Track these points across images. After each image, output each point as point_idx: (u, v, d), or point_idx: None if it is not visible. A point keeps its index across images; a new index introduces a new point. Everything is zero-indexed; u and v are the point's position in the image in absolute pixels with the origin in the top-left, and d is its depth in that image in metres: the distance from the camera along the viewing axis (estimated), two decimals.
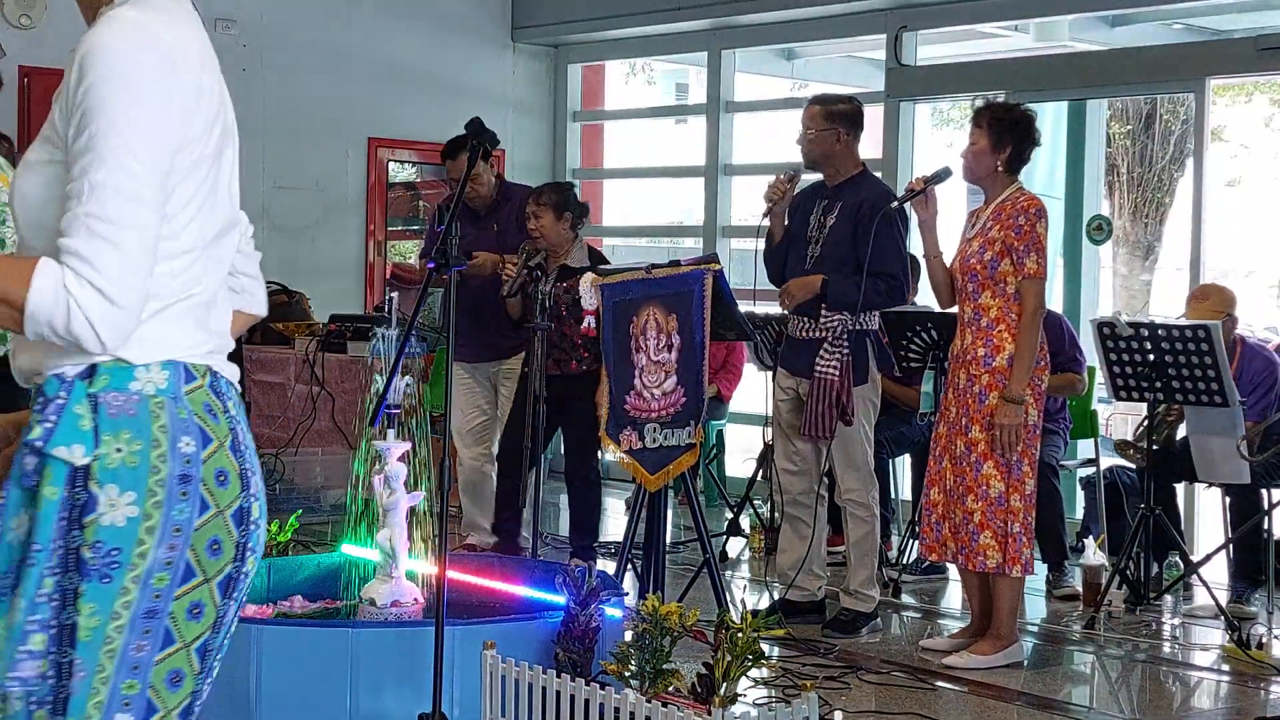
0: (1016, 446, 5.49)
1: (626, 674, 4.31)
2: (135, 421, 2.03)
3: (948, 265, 5.75)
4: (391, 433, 4.78)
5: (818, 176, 6.24)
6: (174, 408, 2.06)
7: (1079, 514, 7.85)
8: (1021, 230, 5.48)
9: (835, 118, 6.04)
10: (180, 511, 2.04)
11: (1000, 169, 5.61)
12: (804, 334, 6.04)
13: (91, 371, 2.03)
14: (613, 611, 4.65)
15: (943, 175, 5.76)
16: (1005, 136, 5.58)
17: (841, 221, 5.98)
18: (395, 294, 9.33)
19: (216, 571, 2.11)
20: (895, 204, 5.86)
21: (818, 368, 5.89)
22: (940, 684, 5.48)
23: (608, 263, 6.75)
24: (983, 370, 5.54)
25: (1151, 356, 6.25)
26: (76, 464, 2.00)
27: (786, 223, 6.18)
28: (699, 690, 4.27)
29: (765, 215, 6.16)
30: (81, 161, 1.97)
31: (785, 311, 6.14)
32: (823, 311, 5.92)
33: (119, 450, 2.01)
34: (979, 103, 6.27)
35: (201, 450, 2.07)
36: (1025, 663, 5.78)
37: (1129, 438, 7.01)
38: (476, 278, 6.94)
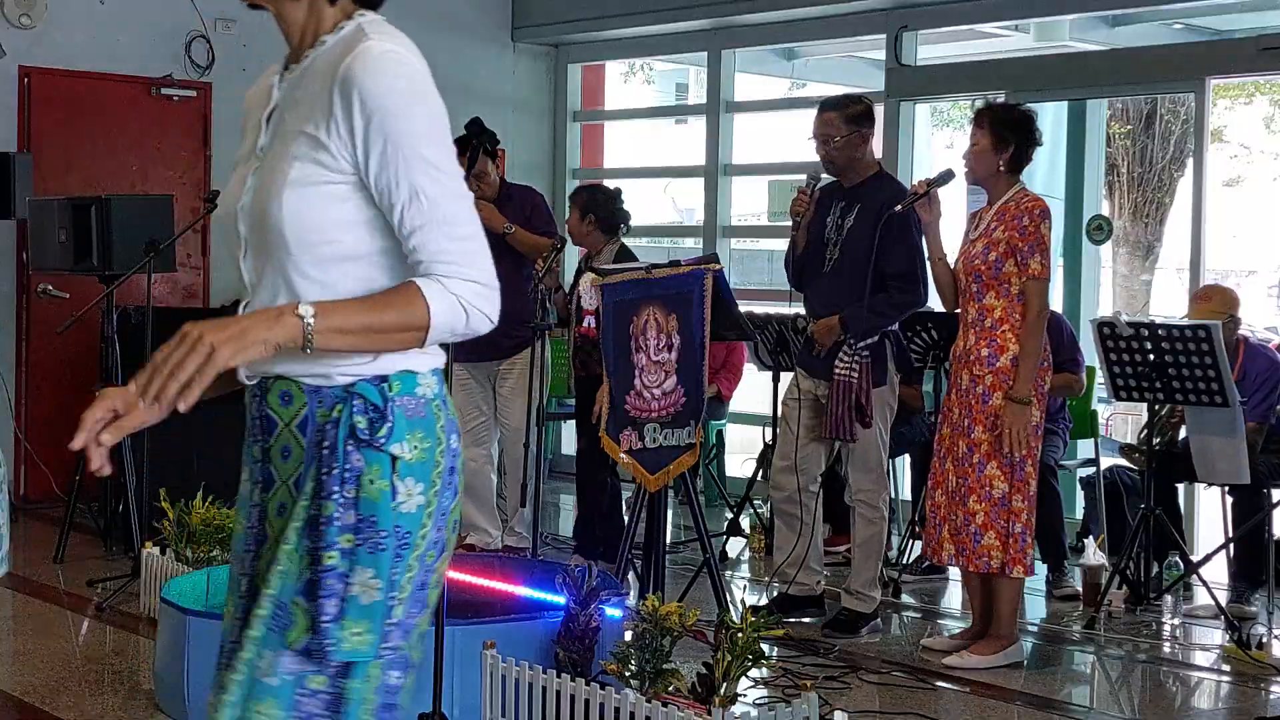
0: (1022, 447, 5.49)
1: (626, 674, 4.31)
2: (425, 422, 2.29)
3: (951, 267, 5.75)
4: None
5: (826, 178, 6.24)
6: (445, 409, 2.34)
7: (1079, 514, 7.85)
8: (1026, 231, 5.48)
9: (855, 120, 6.02)
10: (447, 499, 2.32)
11: (1002, 169, 5.61)
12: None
13: (384, 378, 2.27)
14: (613, 611, 4.66)
15: (946, 178, 5.76)
16: (1007, 136, 5.58)
17: (861, 223, 5.95)
18: None
19: (452, 547, 2.39)
20: (899, 208, 5.86)
21: (838, 370, 5.88)
22: (940, 684, 5.48)
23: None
24: (986, 370, 5.53)
25: (1151, 356, 6.25)
26: (405, 459, 2.26)
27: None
28: (699, 690, 4.27)
29: (795, 229, 6.14)
30: (405, 182, 2.21)
31: (818, 341, 6.05)
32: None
33: (415, 448, 2.27)
34: (980, 103, 6.28)
35: (459, 444, 2.37)
36: (1025, 663, 5.78)
37: (1133, 440, 7.00)
38: None
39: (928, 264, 5.94)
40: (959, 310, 5.75)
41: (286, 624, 2.25)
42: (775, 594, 6.36)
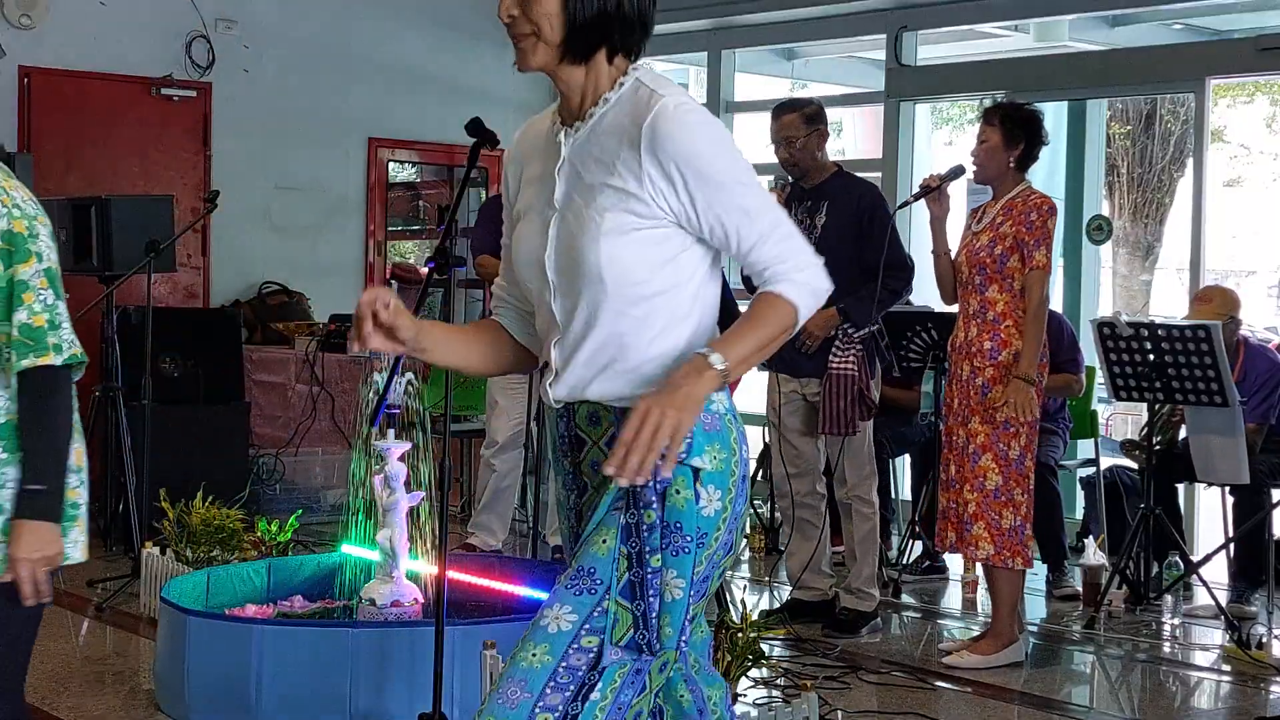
0: (1026, 415, 5.48)
1: None
2: (721, 435, 2.55)
3: (953, 261, 5.77)
4: (391, 432, 4.78)
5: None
6: (736, 423, 2.60)
7: (1079, 514, 7.85)
8: (1033, 226, 5.51)
9: (813, 119, 6.08)
10: (740, 505, 2.59)
11: (1012, 166, 5.63)
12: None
13: None
14: None
15: (956, 173, 5.78)
16: (1018, 134, 5.60)
17: (836, 220, 5.98)
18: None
19: (738, 549, 2.70)
20: (912, 199, 5.88)
21: (834, 364, 5.89)
22: (940, 684, 5.48)
23: None
24: (988, 363, 5.54)
25: (1151, 356, 6.25)
26: (705, 470, 2.51)
27: None
28: None
29: None
30: (729, 215, 2.51)
31: (808, 349, 6.04)
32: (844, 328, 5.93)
33: (714, 458, 2.53)
34: (988, 103, 6.29)
35: (748, 454, 2.63)
36: (1025, 662, 5.78)
37: (1135, 437, 7.00)
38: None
39: (908, 254, 6.03)
40: (959, 302, 5.75)
41: (593, 591, 2.51)
42: (787, 599, 6.35)
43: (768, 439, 7.18)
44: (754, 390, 7.15)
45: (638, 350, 2.55)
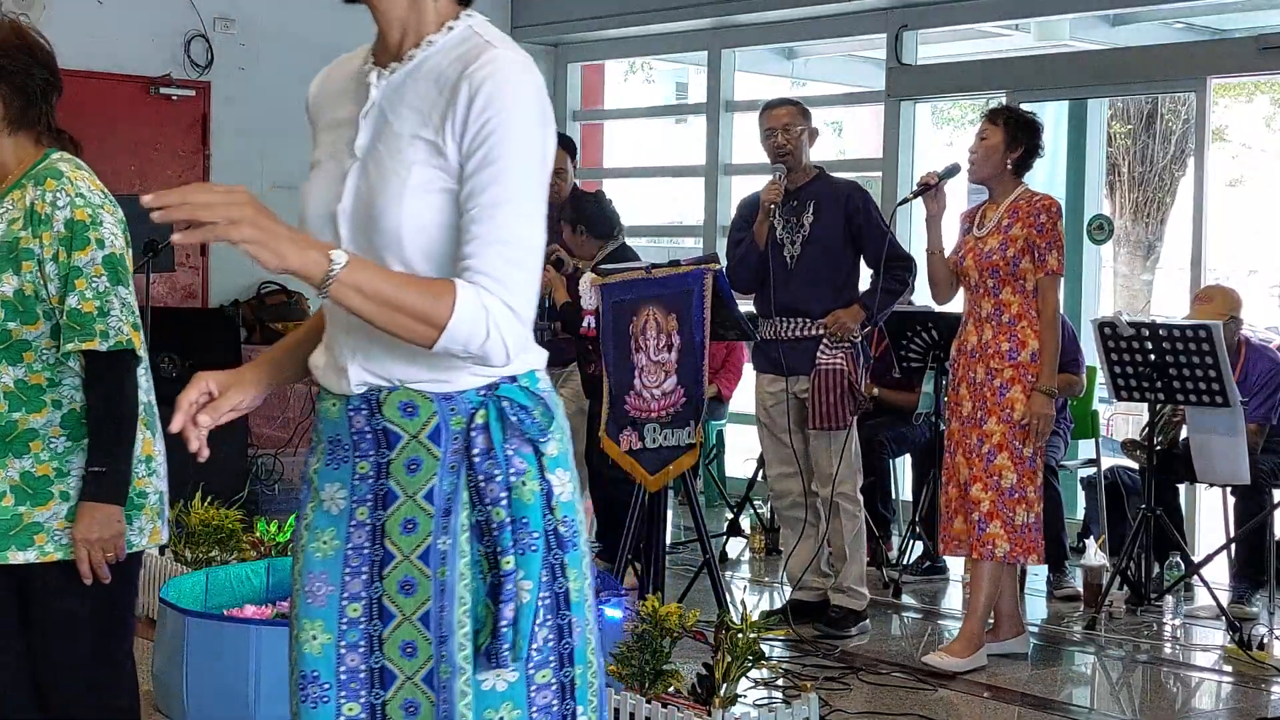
0: (1046, 437, 5.55)
1: (626, 674, 4.31)
2: (554, 415, 2.29)
3: (948, 262, 5.76)
4: None
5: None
6: (561, 404, 2.34)
7: (1080, 514, 7.84)
8: (1044, 228, 5.52)
9: (805, 115, 6.11)
10: (578, 481, 2.36)
11: (1009, 168, 5.62)
12: (797, 334, 6.03)
13: (513, 379, 2.26)
14: (612, 612, 4.64)
15: (953, 171, 5.78)
16: (1020, 137, 5.60)
17: (825, 221, 6.00)
18: None
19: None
20: (910, 197, 5.89)
21: (821, 360, 5.90)
22: (940, 684, 5.46)
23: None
24: (1006, 364, 5.55)
25: (1152, 356, 6.24)
26: (553, 455, 2.27)
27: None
28: (699, 691, 4.26)
29: (766, 218, 6.13)
30: (490, 191, 2.15)
31: (852, 336, 6.02)
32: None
33: (557, 441, 2.28)
34: (991, 104, 6.30)
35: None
36: (1029, 660, 5.77)
37: (1136, 438, 7.00)
38: None
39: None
40: (965, 307, 5.75)
41: (480, 628, 2.25)
42: (787, 600, 6.34)
43: None
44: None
45: None
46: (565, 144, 7.32)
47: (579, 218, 6.84)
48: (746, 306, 6.35)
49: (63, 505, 3.10)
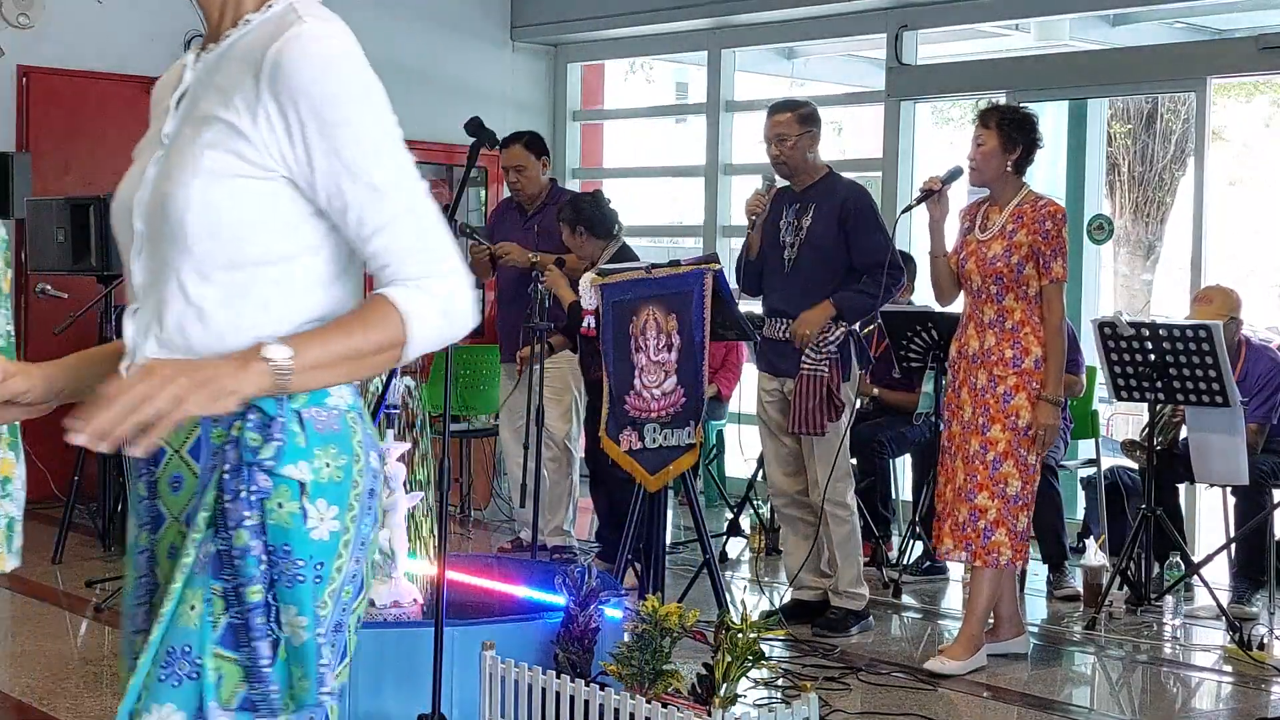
0: (1051, 444, 5.55)
1: (626, 675, 4.30)
2: (339, 437, 2.04)
3: (951, 264, 5.76)
4: (391, 432, 4.77)
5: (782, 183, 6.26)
6: (362, 422, 2.09)
7: (1080, 514, 7.84)
8: (1049, 235, 5.52)
9: (806, 120, 6.10)
10: (366, 525, 2.07)
11: (1009, 170, 5.61)
12: (788, 335, 6.03)
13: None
14: (612, 612, 4.64)
15: (955, 175, 5.77)
16: (1015, 137, 5.59)
17: (820, 223, 6.01)
18: None
19: (370, 587, 2.14)
20: (914, 203, 5.88)
21: (805, 365, 5.90)
22: (940, 684, 5.46)
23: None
24: (1010, 371, 5.54)
25: (1152, 356, 6.24)
26: (306, 480, 1.99)
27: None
28: (699, 691, 4.26)
29: (750, 229, 6.16)
30: (361, 177, 2.00)
31: (802, 344, 6.03)
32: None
33: (327, 465, 2.01)
34: (985, 104, 6.29)
35: (380, 464, 2.11)
36: (1028, 661, 5.77)
37: (1135, 438, 7.00)
38: (507, 272, 7.24)
39: (896, 253, 6.05)
40: (965, 309, 5.75)
41: (195, 676, 1.96)
42: (789, 600, 6.34)
43: None
44: (755, 390, 7.14)
45: (224, 330, 2.01)
46: (530, 142, 7.33)
47: (578, 218, 6.85)
48: (746, 306, 6.35)
49: None
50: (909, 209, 6.23)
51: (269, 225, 2.02)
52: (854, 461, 6.76)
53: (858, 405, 6.71)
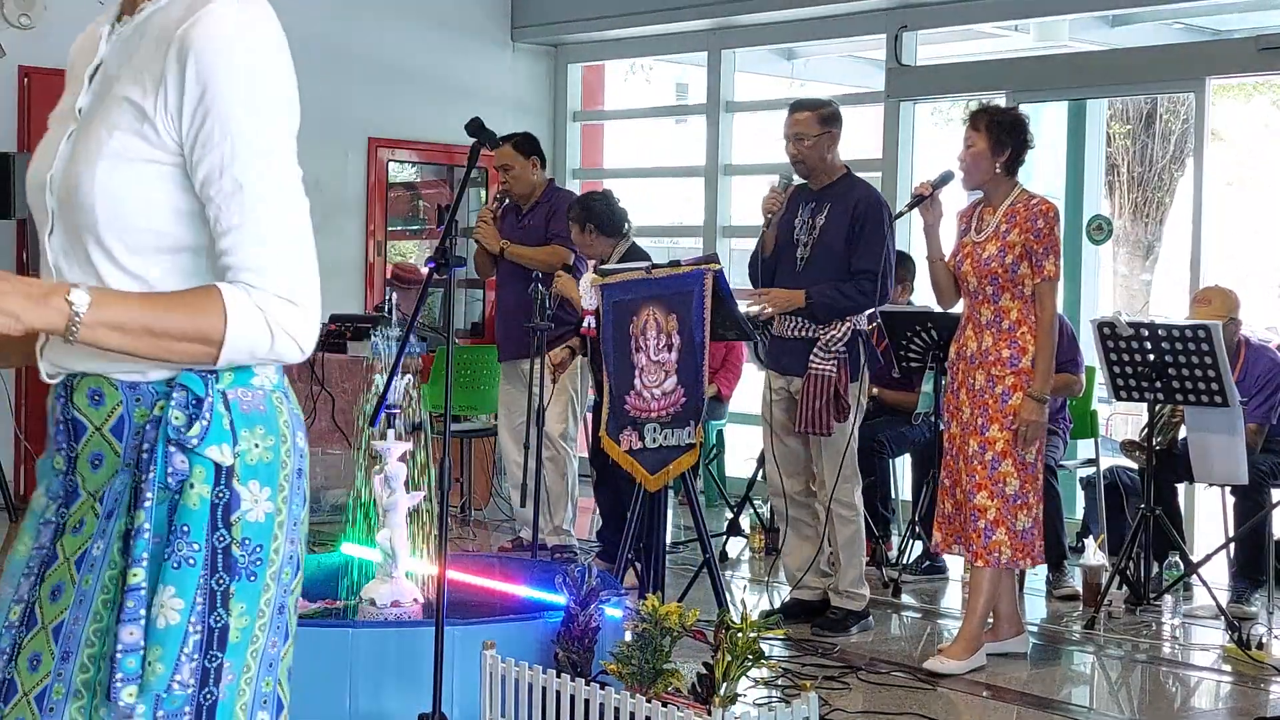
0: (1035, 443, 5.53)
1: (626, 674, 4.31)
2: (265, 417, 2.02)
3: (949, 267, 5.76)
4: (391, 432, 4.77)
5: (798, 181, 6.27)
6: (288, 402, 2.07)
7: (1079, 514, 7.85)
8: (1041, 234, 5.51)
9: (827, 120, 6.10)
10: (298, 505, 2.06)
11: (1000, 171, 5.62)
12: (797, 333, 6.04)
13: (214, 373, 2.00)
14: (613, 611, 4.65)
15: (947, 178, 5.78)
16: (1004, 139, 5.59)
17: (833, 223, 6.02)
18: (395, 294, 9.35)
19: (302, 566, 2.11)
20: (906, 209, 5.90)
21: (813, 365, 5.91)
22: (940, 684, 5.47)
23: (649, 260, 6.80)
24: (1007, 371, 5.54)
25: (1152, 356, 6.25)
26: (225, 463, 1.97)
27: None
28: (699, 690, 4.27)
29: (766, 227, 6.17)
30: (228, 175, 1.93)
31: (762, 316, 6.13)
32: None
33: (256, 446, 2.00)
34: (974, 105, 6.29)
35: (305, 443, 2.10)
36: (1028, 660, 5.78)
37: (1135, 438, 7.01)
38: (507, 273, 7.32)
39: (893, 266, 6.06)
40: (964, 310, 5.75)
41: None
42: (788, 599, 6.35)
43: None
44: (756, 390, 7.16)
45: None
46: (519, 143, 7.37)
47: (588, 217, 6.88)
48: (746, 306, 6.36)
49: None
50: (900, 215, 6.25)
51: (174, 213, 1.97)
52: None
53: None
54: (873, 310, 6.10)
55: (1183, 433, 6.75)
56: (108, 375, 1.99)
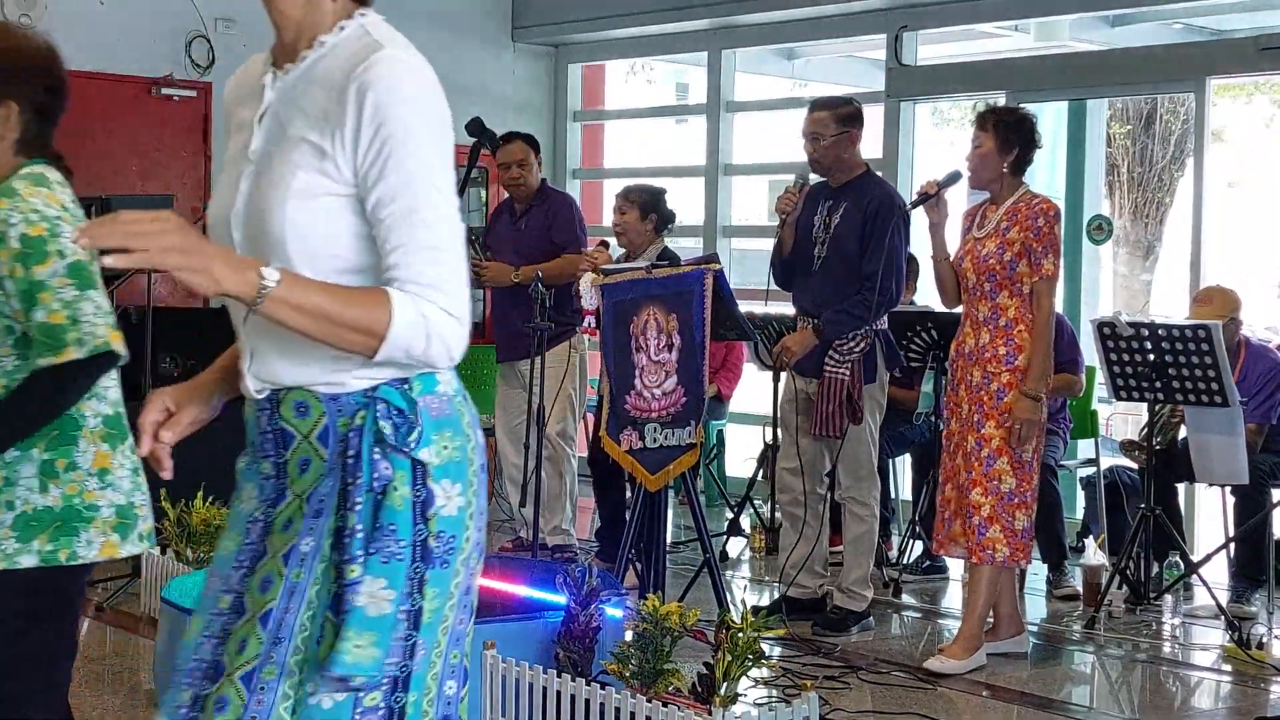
0: (1031, 441, 5.52)
1: (627, 674, 4.32)
2: (452, 421, 2.24)
3: (951, 262, 5.77)
4: None
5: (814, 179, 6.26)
6: (467, 405, 2.29)
7: (1079, 514, 7.85)
8: (1040, 232, 5.51)
9: (846, 120, 6.07)
10: (482, 497, 2.28)
11: (1007, 171, 5.62)
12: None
13: (405, 379, 2.22)
14: (613, 611, 4.66)
15: (954, 178, 5.78)
16: (1012, 139, 5.59)
17: (848, 222, 6.00)
18: None
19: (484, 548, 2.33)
20: (910, 207, 5.89)
21: (827, 367, 5.91)
22: (940, 684, 5.47)
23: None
24: (1004, 369, 5.55)
25: (1152, 356, 6.25)
26: (433, 464, 2.20)
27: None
28: (699, 690, 4.27)
29: (780, 227, 6.17)
30: (401, 200, 2.15)
31: (785, 364, 6.11)
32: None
33: (445, 448, 2.22)
34: (981, 106, 6.30)
35: (483, 439, 2.31)
36: (1028, 660, 5.78)
37: (1135, 437, 7.01)
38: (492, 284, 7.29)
39: (903, 266, 6.06)
40: (963, 308, 5.75)
41: (319, 639, 2.19)
42: (778, 596, 6.36)
43: (768, 439, 7.19)
44: (756, 390, 7.17)
45: None
46: (528, 138, 7.41)
47: (656, 209, 6.95)
48: (746, 306, 6.36)
49: (7, 515, 2.99)
50: (905, 213, 6.24)
51: (352, 238, 2.19)
52: None
53: None
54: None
55: (1183, 433, 6.75)
56: (311, 389, 2.23)
